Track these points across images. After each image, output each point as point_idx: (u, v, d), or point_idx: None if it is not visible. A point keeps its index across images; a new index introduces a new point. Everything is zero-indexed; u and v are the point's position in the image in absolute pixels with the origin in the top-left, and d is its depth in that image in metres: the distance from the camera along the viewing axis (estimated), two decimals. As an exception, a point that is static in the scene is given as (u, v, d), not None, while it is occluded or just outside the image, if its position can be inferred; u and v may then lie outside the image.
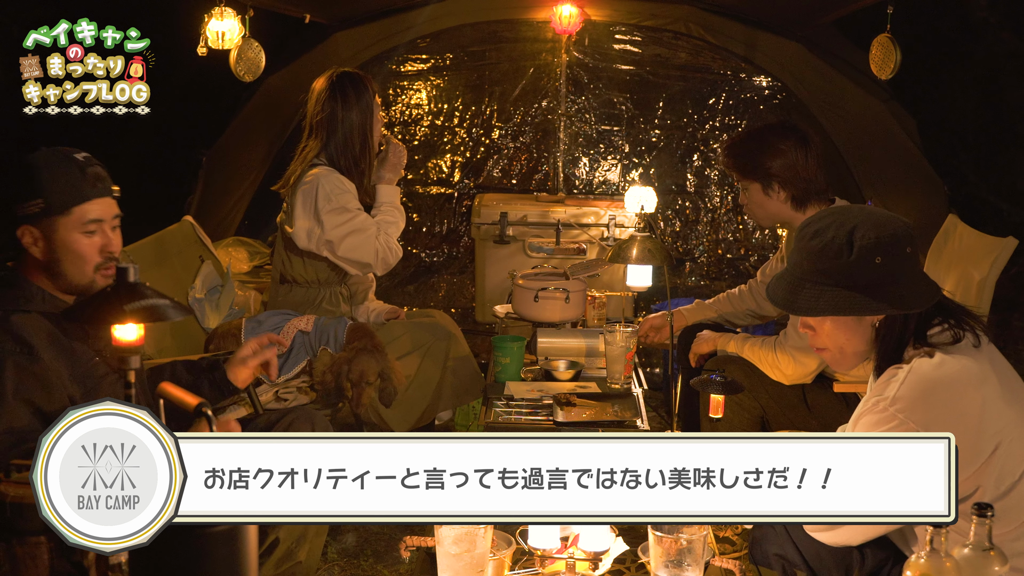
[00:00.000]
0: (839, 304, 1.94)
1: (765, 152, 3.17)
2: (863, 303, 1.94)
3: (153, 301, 1.68)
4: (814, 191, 3.18)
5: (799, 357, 3.13)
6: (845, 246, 1.94)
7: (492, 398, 3.14)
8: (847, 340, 2.03)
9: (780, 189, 3.18)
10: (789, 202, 3.19)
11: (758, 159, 3.18)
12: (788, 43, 5.19)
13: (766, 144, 3.19)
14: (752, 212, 3.32)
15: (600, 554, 1.99)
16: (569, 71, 5.39)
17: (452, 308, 5.39)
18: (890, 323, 2.00)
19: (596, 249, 4.86)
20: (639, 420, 2.93)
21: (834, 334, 2.03)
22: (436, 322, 3.85)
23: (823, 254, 1.96)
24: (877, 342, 2.02)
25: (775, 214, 3.24)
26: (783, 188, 3.17)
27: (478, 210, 4.97)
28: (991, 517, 1.60)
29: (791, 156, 3.15)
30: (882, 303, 1.94)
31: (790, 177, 3.16)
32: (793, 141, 3.17)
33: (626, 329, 3.23)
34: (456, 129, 5.45)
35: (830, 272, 1.96)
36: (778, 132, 3.23)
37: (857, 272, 1.94)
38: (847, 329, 2.02)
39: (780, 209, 3.22)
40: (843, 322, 2.01)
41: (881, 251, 1.93)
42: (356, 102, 3.47)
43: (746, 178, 3.24)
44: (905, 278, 1.95)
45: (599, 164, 5.51)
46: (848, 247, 1.94)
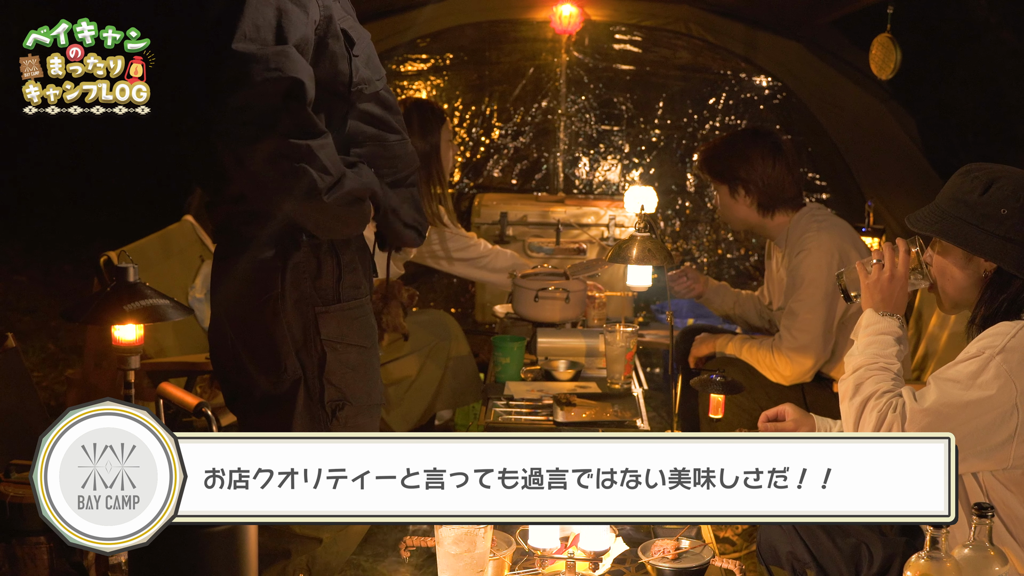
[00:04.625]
0: (948, 230, 2.03)
1: (734, 157, 3.29)
2: (971, 238, 2.00)
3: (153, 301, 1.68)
4: (781, 198, 3.27)
5: (795, 357, 3.16)
6: (981, 185, 2.02)
7: (492, 398, 3.14)
8: (953, 277, 2.08)
9: (746, 194, 3.28)
10: (755, 207, 3.30)
11: (726, 163, 3.30)
12: (788, 43, 5.19)
13: (735, 150, 3.30)
14: (723, 216, 3.46)
15: (600, 554, 1.99)
16: (569, 71, 5.39)
17: (452, 308, 5.39)
18: (1000, 280, 2.02)
19: (596, 249, 4.86)
20: (639, 420, 2.93)
21: (945, 266, 2.09)
22: (436, 322, 3.85)
23: (960, 187, 2.06)
24: (982, 294, 2.05)
25: (742, 218, 3.35)
26: (748, 193, 3.28)
27: (478, 210, 4.97)
28: (991, 517, 1.60)
29: (758, 164, 3.26)
30: (990, 248, 1.99)
31: (756, 183, 3.27)
32: (763, 148, 3.27)
33: (626, 329, 3.23)
34: (456, 129, 5.45)
35: (957, 203, 2.04)
36: (749, 139, 3.34)
37: (980, 211, 2.00)
38: (958, 266, 2.07)
39: (746, 213, 3.32)
40: (956, 258, 2.07)
41: (1011, 206, 1.98)
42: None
43: (715, 180, 3.37)
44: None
45: (599, 164, 5.51)
46: (984, 187, 2.02)
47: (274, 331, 2.14)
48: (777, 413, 2.33)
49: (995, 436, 1.90)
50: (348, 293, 2.20)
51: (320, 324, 2.16)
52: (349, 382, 2.20)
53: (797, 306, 3.18)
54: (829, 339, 3.17)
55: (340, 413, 2.19)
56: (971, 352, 1.97)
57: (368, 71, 2.19)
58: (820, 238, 3.18)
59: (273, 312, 2.14)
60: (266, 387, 2.17)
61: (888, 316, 2.11)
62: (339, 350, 2.18)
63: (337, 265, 2.18)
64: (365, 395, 2.24)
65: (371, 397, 2.26)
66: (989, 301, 2.04)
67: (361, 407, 2.23)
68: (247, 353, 2.18)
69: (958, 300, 2.11)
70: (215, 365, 2.30)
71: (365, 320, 2.25)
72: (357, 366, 2.21)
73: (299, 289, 2.14)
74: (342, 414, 2.19)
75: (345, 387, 2.19)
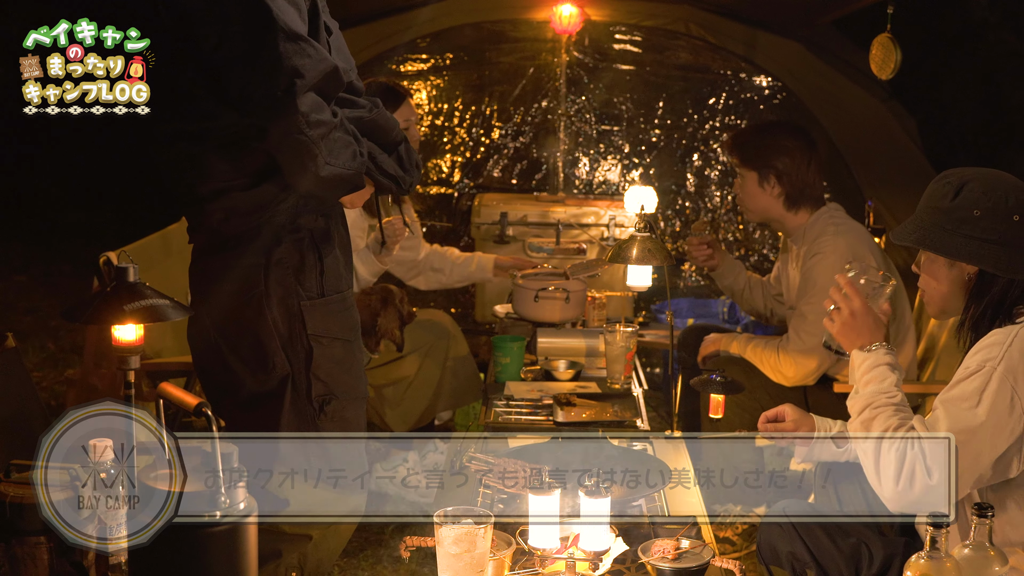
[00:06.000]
0: (926, 239, 2.03)
1: (771, 145, 3.27)
2: (948, 244, 2.00)
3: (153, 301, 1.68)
4: (809, 195, 3.26)
5: (800, 360, 3.16)
6: (952, 190, 2.02)
7: (492, 398, 3.14)
8: (939, 284, 2.08)
9: (776, 184, 3.25)
10: (782, 199, 3.27)
11: (762, 150, 3.27)
12: (788, 43, 5.19)
13: (774, 138, 3.29)
14: (743, 202, 3.40)
15: (600, 554, 1.99)
16: (569, 71, 5.39)
17: (452, 308, 5.38)
18: (984, 282, 2.02)
19: (596, 249, 4.85)
20: (639, 420, 2.93)
21: (931, 273, 2.09)
22: (436, 322, 3.85)
23: (933, 195, 2.06)
24: (967, 298, 2.05)
25: (765, 208, 3.31)
26: (779, 183, 3.25)
27: (478, 210, 4.97)
28: (991, 517, 1.60)
29: (795, 156, 3.24)
30: (966, 251, 1.99)
31: (788, 175, 3.24)
32: (801, 143, 3.26)
33: (626, 329, 3.23)
34: (456, 129, 5.45)
35: (932, 211, 2.04)
36: (788, 130, 3.34)
37: (953, 216, 2.00)
38: (943, 273, 2.07)
39: (771, 204, 3.29)
40: (939, 266, 2.07)
41: (982, 206, 1.98)
42: None
43: (744, 165, 3.33)
44: (1003, 240, 1.98)
45: (599, 164, 5.51)
46: (955, 192, 2.02)
47: (260, 328, 2.15)
48: (777, 414, 2.33)
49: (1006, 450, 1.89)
50: (331, 286, 2.21)
51: (305, 319, 2.16)
52: (335, 376, 2.21)
53: (807, 309, 3.17)
54: (837, 344, 3.17)
55: (327, 407, 2.20)
56: (971, 367, 1.95)
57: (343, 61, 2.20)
58: (836, 242, 3.17)
59: (258, 309, 2.14)
60: (253, 385, 2.18)
61: (871, 349, 2.10)
62: (324, 344, 2.19)
63: (319, 259, 2.19)
64: (351, 388, 2.25)
65: (357, 390, 2.27)
66: (976, 304, 2.03)
67: (348, 400, 2.24)
68: (233, 352, 2.19)
69: (946, 307, 2.10)
70: (197, 366, 2.31)
71: (348, 313, 2.26)
72: (342, 359, 2.23)
73: (283, 285, 2.15)
74: (329, 408, 2.20)
75: (331, 381, 2.21)
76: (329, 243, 2.21)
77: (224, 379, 2.23)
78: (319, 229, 2.20)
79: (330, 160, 2.04)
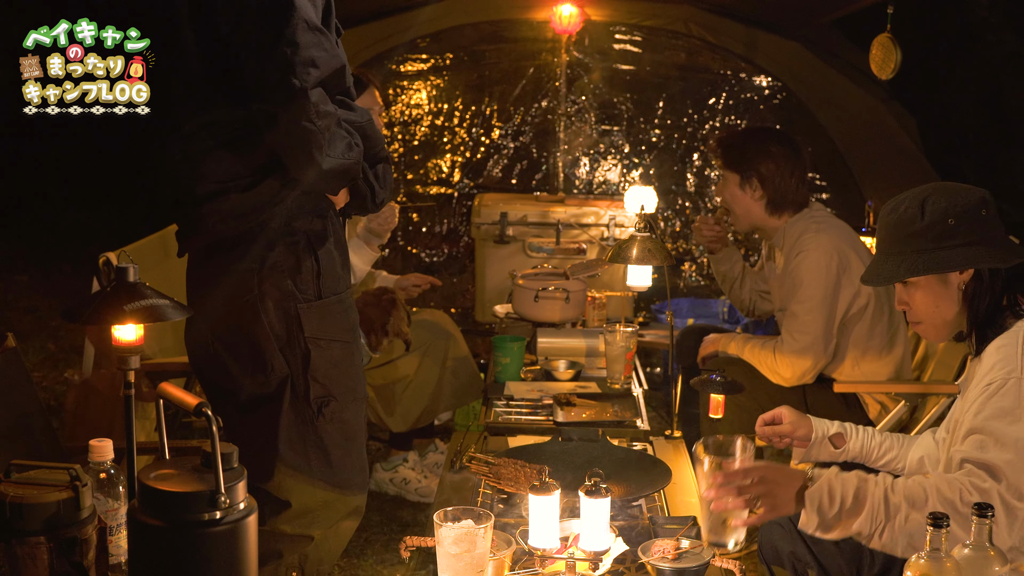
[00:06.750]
0: (916, 266, 2.01)
1: (755, 149, 3.28)
2: (940, 259, 1.99)
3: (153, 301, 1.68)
4: (791, 201, 3.27)
5: (795, 360, 3.17)
6: (917, 213, 2.02)
7: (492, 398, 3.14)
8: (937, 306, 2.06)
9: (758, 187, 3.27)
10: (763, 203, 3.29)
11: (746, 153, 3.29)
12: (788, 43, 5.19)
13: (759, 142, 3.30)
14: (728, 206, 3.41)
15: (600, 554, 1.99)
16: (569, 71, 5.39)
17: (452, 308, 5.39)
18: (977, 284, 2.02)
19: (596, 249, 4.85)
20: (639, 420, 2.93)
21: (924, 302, 2.07)
22: (435, 322, 3.85)
23: (898, 225, 2.04)
24: (967, 305, 2.04)
25: (746, 211, 3.33)
26: (761, 187, 3.27)
27: (478, 210, 4.97)
28: (991, 517, 1.59)
29: (779, 162, 3.27)
30: (960, 259, 1.99)
31: (771, 180, 3.26)
32: (786, 150, 3.28)
33: (626, 329, 3.23)
34: (456, 129, 5.45)
35: (907, 239, 2.03)
36: (774, 136, 3.36)
37: (931, 233, 2.00)
38: (935, 294, 2.05)
39: (752, 207, 3.31)
40: (930, 288, 2.05)
41: (953, 213, 1.99)
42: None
43: (727, 168, 3.35)
44: (982, 237, 1.99)
45: (599, 164, 5.52)
46: (920, 214, 2.01)
47: (256, 332, 2.15)
48: (774, 416, 2.32)
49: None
50: (328, 288, 2.21)
51: (303, 321, 2.16)
52: (333, 378, 2.21)
53: (797, 308, 3.18)
54: (830, 340, 3.17)
55: (326, 409, 2.20)
56: (995, 382, 1.91)
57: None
58: (819, 239, 3.18)
59: (254, 314, 2.14)
60: (252, 388, 2.18)
61: (815, 503, 1.83)
62: (322, 346, 2.19)
63: (315, 261, 2.19)
64: (350, 390, 2.25)
65: (355, 392, 2.27)
66: (975, 309, 2.03)
67: (346, 402, 2.23)
68: (230, 356, 2.19)
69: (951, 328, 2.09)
70: (195, 369, 2.31)
71: (346, 315, 2.26)
72: (340, 361, 2.22)
73: (279, 289, 2.15)
74: (328, 410, 2.20)
75: (330, 383, 2.20)
76: (325, 244, 2.21)
77: (222, 382, 2.23)
78: (315, 231, 2.20)
79: (330, 152, 2.04)
